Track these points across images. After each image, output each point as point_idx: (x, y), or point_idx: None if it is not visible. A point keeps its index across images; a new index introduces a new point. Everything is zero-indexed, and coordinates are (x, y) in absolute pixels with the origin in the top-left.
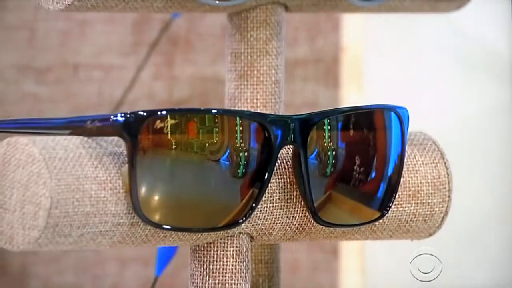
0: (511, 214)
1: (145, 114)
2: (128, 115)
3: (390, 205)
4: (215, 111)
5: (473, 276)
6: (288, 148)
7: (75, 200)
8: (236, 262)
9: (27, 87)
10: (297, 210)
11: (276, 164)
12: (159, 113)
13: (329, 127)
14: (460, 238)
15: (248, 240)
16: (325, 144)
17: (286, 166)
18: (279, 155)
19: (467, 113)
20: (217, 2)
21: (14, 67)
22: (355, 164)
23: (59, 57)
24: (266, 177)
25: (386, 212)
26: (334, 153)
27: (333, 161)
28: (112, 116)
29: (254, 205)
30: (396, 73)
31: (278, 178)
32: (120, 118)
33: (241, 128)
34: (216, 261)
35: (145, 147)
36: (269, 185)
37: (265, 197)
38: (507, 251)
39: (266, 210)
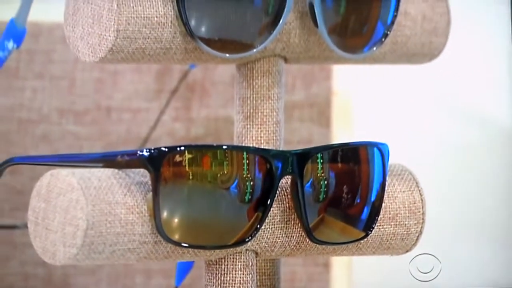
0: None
1: (166, 149)
2: (152, 151)
3: (373, 226)
4: (226, 147)
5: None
6: (287, 178)
7: (107, 222)
8: (243, 274)
9: (67, 127)
10: (295, 231)
11: (277, 191)
12: (178, 148)
13: (321, 160)
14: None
15: (253, 255)
16: (319, 174)
17: (285, 193)
18: (279, 184)
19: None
20: (227, 55)
21: (57, 110)
22: (343, 191)
23: (94, 101)
24: (268, 202)
25: (369, 232)
26: (326, 182)
27: (325, 189)
28: (138, 151)
29: (258, 226)
30: (380, 114)
31: (279, 203)
32: (145, 153)
33: (247, 161)
34: (227, 274)
35: (166, 177)
36: (271, 209)
37: (268, 219)
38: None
39: (269, 230)
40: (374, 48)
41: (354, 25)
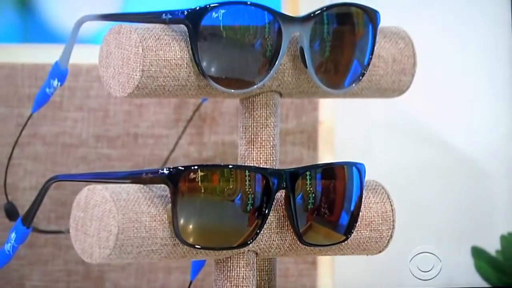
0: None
1: (182, 168)
2: (171, 169)
3: (352, 231)
4: (231, 166)
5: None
6: (282, 192)
7: (134, 228)
8: (246, 270)
9: (102, 150)
10: (288, 235)
11: (273, 203)
12: (192, 168)
13: (310, 177)
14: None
15: (254, 255)
16: (307, 189)
17: (280, 204)
18: (275, 197)
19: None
20: (233, 91)
21: (93, 136)
22: (328, 202)
23: (124, 129)
24: (266, 211)
25: (349, 236)
26: (313, 195)
27: (313, 201)
28: (160, 170)
29: (258, 231)
30: (358, 139)
31: (275, 213)
32: (165, 171)
33: (249, 178)
34: (232, 270)
35: (183, 191)
36: (269, 217)
37: (266, 225)
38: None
39: (267, 235)
40: (353, 85)
41: (336, 66)
